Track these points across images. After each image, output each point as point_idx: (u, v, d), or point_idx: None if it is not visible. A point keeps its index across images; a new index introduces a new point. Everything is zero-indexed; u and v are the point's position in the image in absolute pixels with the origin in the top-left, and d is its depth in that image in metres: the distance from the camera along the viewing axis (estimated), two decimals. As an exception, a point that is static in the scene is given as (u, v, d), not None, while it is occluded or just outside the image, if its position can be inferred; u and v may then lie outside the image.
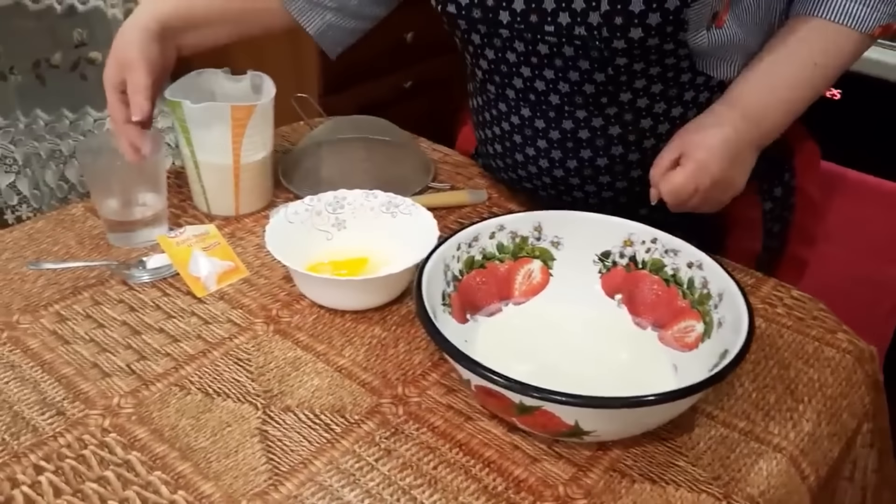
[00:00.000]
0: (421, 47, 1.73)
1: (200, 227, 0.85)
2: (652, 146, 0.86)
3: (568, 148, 0.88)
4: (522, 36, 0.82)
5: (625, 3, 0.74)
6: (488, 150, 0.97)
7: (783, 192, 0.97)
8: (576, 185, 0.90)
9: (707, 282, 0.71)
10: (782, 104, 0.82)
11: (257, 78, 0.93)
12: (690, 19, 0.76)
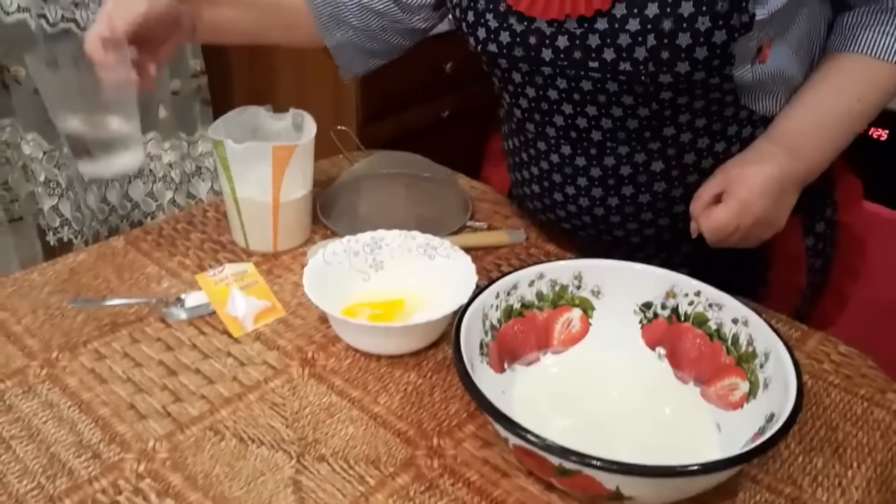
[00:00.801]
0: (459, 77, 1.73)
1: (239, 266, 0.85)
2: (695, 181, 0.84)
3: (609, 185, 0.86)
4: (565, 73, 0.81)
5: (672, 38, 0.73)
6: (524, 192, 0.96)
7: (825, 227, 0.95)
8: (617, 223, 0.89)
9: (753, 339, 0.69)
10: (825, 142, 0.81)
11: (299, 116, 0.94)
12: (737, 53, 0.75)
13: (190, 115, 1.75)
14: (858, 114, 0.81)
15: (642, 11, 0.73)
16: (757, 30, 0.74)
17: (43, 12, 1.55)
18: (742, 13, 0.72)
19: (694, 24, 0.72)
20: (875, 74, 0.80)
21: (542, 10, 0.78)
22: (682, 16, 0.72)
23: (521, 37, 0.81)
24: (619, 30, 0.75)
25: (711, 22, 0.72)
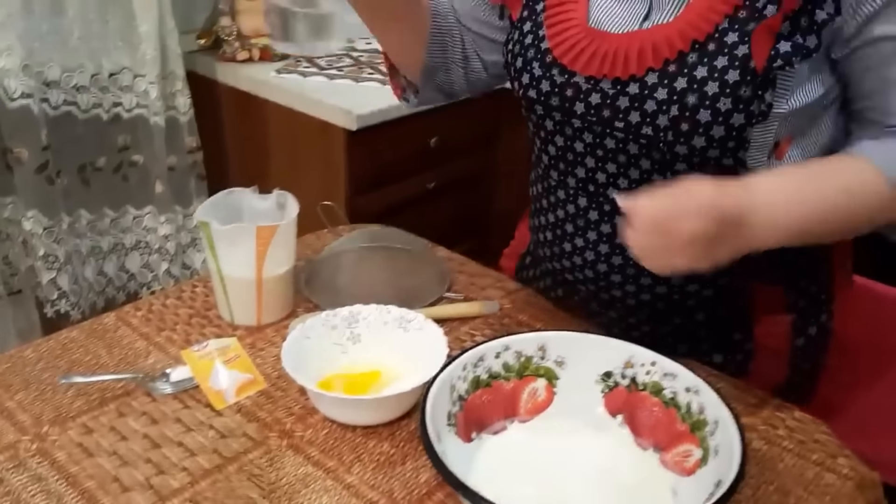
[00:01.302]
0: (443, 151, 1.81)
1: (223, 341, 0.89)
2: None
3: (616, 244, 0.89)
4: (593, 128, 0.86)
5: (693, 112, 0.78)
6: (539, 238, 0.99)
7: (818, 332, 0.95)
8: (616, 282, 0.91)
9: (704, 407, 0.73)
10: (795, 214, 0.77)
11: (282, 196, 0.99)
12: (753, 139, 0.79)
13: (185, 189, 1.81)
14: (842, 207, 0.78)
15: (671, 83, 0.79)
16: (775, 121, 0.78)
17: (46, 97, 1.63)
18: (762, 102, 0.77)
19: (716, 104, 0.77)
20: (871, 181, 0.78)
21: (583, 67, 0.84)
22: (707, 94, 0.77)
23: (560, 88, 0.86)
24: (648, 96, 0.80)
25: (733, 105, 0.76)
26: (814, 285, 0.93)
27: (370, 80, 1.76)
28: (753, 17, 0.76)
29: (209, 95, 1.86)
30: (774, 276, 0.91)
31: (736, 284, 0.89)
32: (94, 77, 1.70)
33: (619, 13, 0.84)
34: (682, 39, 0.78)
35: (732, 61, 0.76)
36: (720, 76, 0.76)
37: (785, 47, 0.76)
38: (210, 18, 1.87)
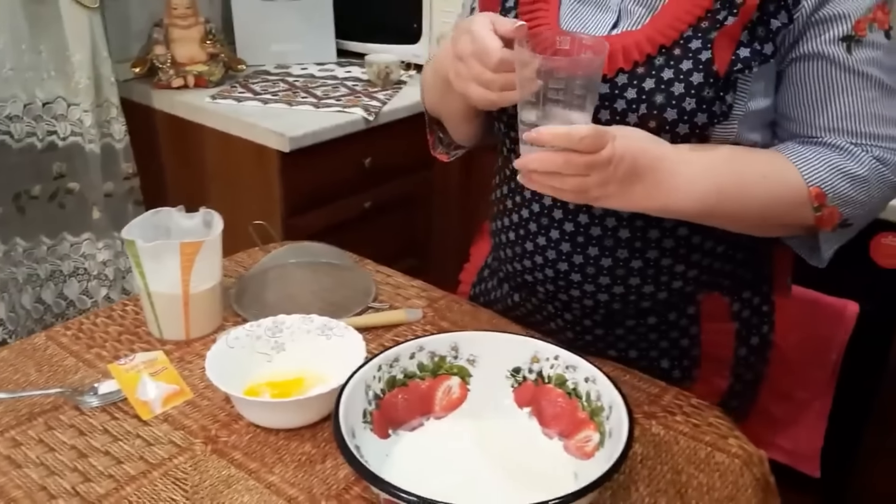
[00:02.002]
0: (378, 171, 1.86)
1: (150, 354, 0.92)
2: (654, 258, 0.92)
3: (577, 242, 0.93)
4: None
5: (661, 111, 0.83)
6: (501, 240, 1.02)
7: (759, 342, 1.01)
8: (576, 281, 0.95)
9: (600, 395, 0.79)
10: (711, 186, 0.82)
11: (208, 214, 1.03)
12: (714, 138, 0.85)
13: (123, 215, 1.83)
14: (757, 191, 0.84)
15: (640, 84, 0.84)
16: (735, 122, 0.85)
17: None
18: (723, 103, 0.83)
19: (681, 104, 0.83)
20: (789, 176, 0.85)
21: None
22: (673, 94, 0.83)
23: None
24: (618, 96, 0.86)
25: (696, 105, 0.83)
26: (757, 297, 1.00)
27: (304, 104, 1.80)
28: (715, 26, 0.83)
29: (145, 122, 1.88)
30: (721, 285, 0.97)
31: (686, 290, 0.95)
32: (28, 106, 1.71)
33: (589, 20, 0.91)
34: (650, 44, 0.85)
35: (697, 65, 0.83)
36: (685, 78, 0.83)
37: (744, 53, 0.83)
38: (144, 47, 1.90)
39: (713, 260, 0.94)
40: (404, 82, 1.99)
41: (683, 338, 0.99)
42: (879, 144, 0.86)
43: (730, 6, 0.83)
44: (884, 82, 0.84)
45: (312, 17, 2.11)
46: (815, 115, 0.86)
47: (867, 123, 0.85)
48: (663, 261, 0.92)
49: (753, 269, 0.98)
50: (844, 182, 0.85)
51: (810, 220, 0.87)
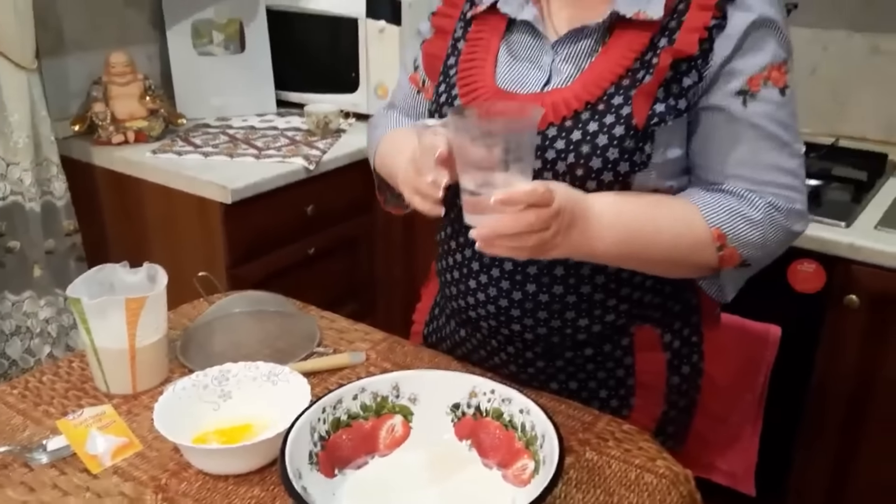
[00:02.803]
0: (320, 218, 1.90)
1: (98, 408, 0.94)
2: (587, 293, 0.98)
3: (516, 280, 0.99)
4: None
5: (587, 160, 0.91)
6: (446, 279, 1.08)
7: (691, 371, 1.07)
8: (516, 317, 1.00)
9: (534, 425, 0.84)
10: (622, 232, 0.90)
11: (152, 269, 1.06)
12: (636, 184, 0.92)
13: (65, 272, 1.83)
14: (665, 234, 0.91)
15: (568, 136, 0.92)
16: (653, 170, 0.92)
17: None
18: (643, 153, 0.91)
19: (605, 153, 0.90)
20: (694, 219, 0.92)
21: None
22: (598, 145, 0.90)
23: None
24: (549, 146, 0.93)
25: (619, 154, 0.90)
26: (686, 328, 1.06)
27: (245, 156, 1.84)
28: (634, 84, 0.91)
29: (86, 179, 1.89)
30: (652, 317, 1.03)
31: (619, 323, 1.01)
32: (-34, 167, 1.71)
33: (523, 78, 0.98)
34: (577, 100, 0.93)
35: (618, 119, 0.91)
36: (609, 131, 0.91)
37: (660, 108, 0.90)
38: (83, 105, 1.92)
39: (643, 293, 1.01)
40: (344, 130, 2.05)
41: (619, 368, 1.04)
42: (773, 191, 0.93)
43: (647, 66, 0.91)
44: (777, 134, 0.92)
45: (251, 69, 2.16)
46: (717, 163, 0.94)
47: (761, 171, 0.93)
48: (596, 295, 0.98)
49: (681, 301, 1.05)
50: (742, 224, 0.92)
51: (714, 261, 0.94)
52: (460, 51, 1.03)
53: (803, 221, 0.97)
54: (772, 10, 0.91)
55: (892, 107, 1.86)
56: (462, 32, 1.05)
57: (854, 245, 1.42)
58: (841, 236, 1.44)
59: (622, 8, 0.91)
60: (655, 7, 0.91)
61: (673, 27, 0.91)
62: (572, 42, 0.96)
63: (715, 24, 0.89)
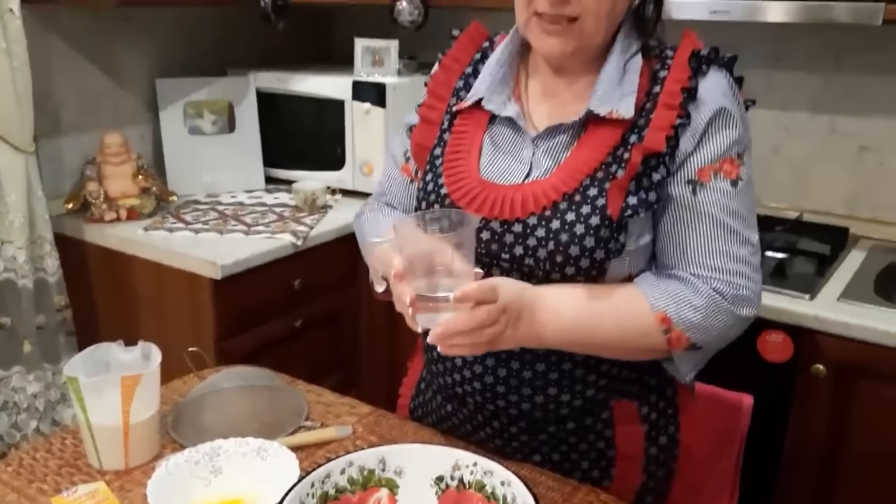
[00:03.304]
0: (307, 291, 1.95)
1: (91, 485, 0.97)
2: (569, 369, 1.03)
3: (501, 357, 1.04)
4: (483, 259, 1.03)
5: (566, 248, 0.97)
6: (433, 356, 1.13)
7: (668, 441, 1.11)
8: (501, 393, 1.05)
9: (515, 497, 0.88)
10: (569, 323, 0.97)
11: (147, 347, 1.10)
12: (611, 270, 0.98)
13: (54, 347, 1.86)
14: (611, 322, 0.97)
15: (548, 225, 0.98)
16: (627, 256, 0.98)
17: None
18: (617, 241, 0.97)
19: (582, 241, 0.96)
20: (639, 306, 0.98)
21: (477, 209, 1.03)
22: (576, 234, 0.97)
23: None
24: (530, 234, 0.99)
25: (595, 243, 0.96)
26: (662, 400, 1.11)
27: (234, 232, 1.90)
28: (608, 177, 0.98)
29: (78, 255, 1.94)
30: (630, 391, 1.08)
31: (599, 397, 1.06)
32: (-40, 245, 1.75)
33: (505, 170, 1.06)
34: (556, 192, 1.00)
35: (594, 210, 0.97)
36: (585, 220, 0.97)
37: (633, 200, 0.97)
38: (77, 184, 1.98)
39: (620, 369, 1.06)
40: (330, 206, 2.12)
41: (599, 440, 1.09)
42: (717, 277, 0.99)
43: (619, 161, 0.98)
44: (725, 222, 0.98)
45: (241, 147, 2.24)
46: (669, 248, 1.01)
47: (708, 258, 0.99)
48: (577, 371, 1.04)
49: (657, 375, 1.10)
50: (686, 309, 0.97)
51: (662, 344, 0.99)
52: (446, 142, 1.11)
53: (750, 307, 1.00)
54: (729, 103, 0.99)
55: (852, 182, 1.96)
56: (448, 125, 1.12)
57: (819, 317, 1.49)
58: (806, 308, 1.50)
59: (596, 107, 1.00)
60: (626, 107, 0.99)
61: (642, 125, 0.99)
62: (551, 137, 1.04)
63: (680, 123, 0.97)
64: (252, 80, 2.23)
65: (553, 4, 0.96)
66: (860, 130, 1.92)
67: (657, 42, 1.05)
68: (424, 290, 0.90)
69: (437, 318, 0.90)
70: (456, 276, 0.89)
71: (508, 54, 1.09)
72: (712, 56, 1.01)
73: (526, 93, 1.09)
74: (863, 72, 1.89)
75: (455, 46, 1.16)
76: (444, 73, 1.15)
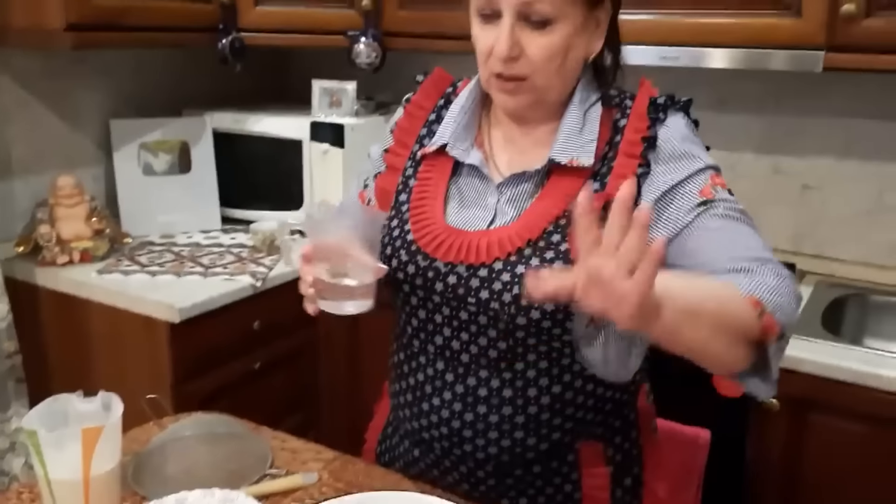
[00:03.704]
0: (266, 333, 1.93)
1: (51, 543, 0.94)
2: (534, 413, 1.04)
3: (468, 402, 1.05)
4: (450, 304, 1.04)
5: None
6: (400, 401, 1.13)
7: (632, 482, 1.14)
8: (468, 437, 1.06)
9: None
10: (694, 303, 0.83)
11: (107, 397, 1.08)
12: (575, 312, 0.99)
13: (3, 393, 1.80)
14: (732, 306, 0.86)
15: (513, 269, 1.00)
16: None
17: None
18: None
19: None
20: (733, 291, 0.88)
21: (443, 255, 1.05)
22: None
23: (423, 270, 1.06)
24: (495, 279, 1.01)
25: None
26: (626, 442, 1.13)
27: (192, 274, 1.88)
28: (571, 223, 0.97)
29: (29, 299, 1.89)
30: (595, 434, 1.10)
31: (565, 441, 1.07)
32: None
33: (470, 217, 1.08)
34: (520, 238, 1.02)
35: (557, 254, 1.00)
36: (549, 265, 0.99)
37: None
38: (28, 226, 1.94)
39: (585, 412, 1.08)
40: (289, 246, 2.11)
41: (566, 483, 1.10)
42: (768, 259, 0.95)
43: None
44: (746, 221, 0.99)
45: (197, 187, 2.22)
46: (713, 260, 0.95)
47: (751, 250, 0.95)
48: (542, 415, 1.05)
49: (621, 417, 1.12)
50: (766, 291, 0.89)
51: (757, 331, 0.88)
52: (411, 188, 1.13)
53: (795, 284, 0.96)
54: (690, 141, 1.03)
55: (796, 220, 2.04)
56: (413, 171, 1.14)
57: (771, 352, 1.53)
58: (759, 344, 1.55)
59: (557, 156, 1.03)
60: (587, 155, 1.02)
61: (604, 172, 1.02)
62: (514, 185, 1.06)
63: (642, 173, 1.00)
64: (208, 121, 2.23)
65: (504, 65, 0.99)
66: (803, 170, 2.01)
67: (617, 91, 1.08)
68: (328, 275, 0.97)
69: (341, 306, 0.98)
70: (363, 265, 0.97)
71: (472, 102, 1.12)
72: (668, 102, 1.05)
73: (489, 141, 1.12)
74: (803, 115, 1.98)
75: (419, 92, 1.18)
76: (409, 120, 1.17)
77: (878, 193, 1.94)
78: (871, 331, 1.83)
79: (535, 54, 0.98)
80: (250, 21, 2.09)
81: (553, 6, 0.97)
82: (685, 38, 1.71)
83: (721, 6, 1.67)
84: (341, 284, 0.97)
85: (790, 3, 1.61)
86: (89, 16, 1.74)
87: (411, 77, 1.20)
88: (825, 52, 1.59)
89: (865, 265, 1.95)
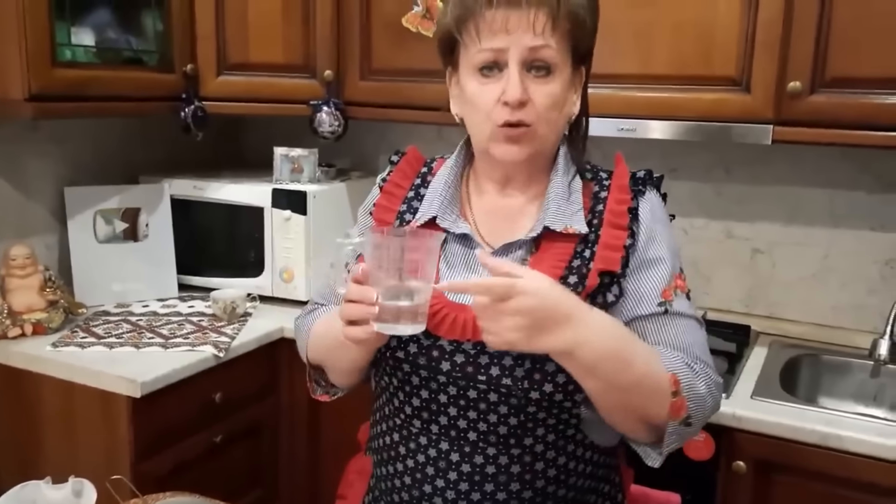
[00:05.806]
0: (228, 404, 1.89)
1: None
2: (542, 486, 1.04)
3: (475, 481, 1.03)
4: (457, 382, 1.02)
5: (542, 364, 0.98)
6: (395, 484, 1.09)
7: None
8: None
9: None
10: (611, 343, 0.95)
11: (78, 484, 1.04)
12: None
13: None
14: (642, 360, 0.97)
15: None
16: None
17: None
18: None
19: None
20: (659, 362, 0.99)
21: (447, 332, 1.03)
22: None
23: (426, 349, 1.04)
24: (505, 354, 1.00)
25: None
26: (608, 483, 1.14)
27: (151, 345, 1.83)
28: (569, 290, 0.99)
29: (-23, 374, 1.82)
30: (588, 501, 1.11)
31: None
32: None
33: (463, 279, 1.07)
34: None
35: None
36: None
37: None
38: (-22, 299, 1.87)
39: (584, 480, 1.09)
40: (250, 314, 2.08)
41: None
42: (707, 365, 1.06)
43: (575, 273, 1.04)
44: (696, 326, 1.08)
45: (153, 255, 2.18)
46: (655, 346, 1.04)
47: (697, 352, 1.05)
48: (549, 488, 1.05)
49: (609, 481, 1.15)
50: (692, 378, 1.01)
51: (665, 407, 0.98)
52: None
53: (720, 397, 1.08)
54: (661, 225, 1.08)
55: (748, 282, 2.11)
56: None
57: (736, 415, 1.57)
58: (725, 406, 1.58)
59: (551, 223, 1.06)
60: (579, 222, 1.06)
61: (592, 239, 1.06)
62: (505, 253, 1.08)
63: (630, 244, 1.05)
64: (166, 188, 2.20)
65: (512, 113, 1.02)
66: (753, 235, 2.09)
67: (591, 166, 1.14)
68: (388, 296, 0.93)
69: (396, 328, 0.94)
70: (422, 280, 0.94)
71: (454, 177, 1.14)
72: (647, 178, 1.10)
73: (472, 213, 1.14)
74: (752, 182, 2.07)
75: (395, 172, 1.20)
76: (387, 198, 1.18)
77: (822, 257, 2.03)
78: (826, 390, 1.89)
79: (540, 102, 1.02)
80: (212, 90, 2.10)
81: (554, 54, 1.02)
82: (641, 111, 1.78)
83: (675, 81, 1.75)
84: (398, 305, 0.94)
85: (739, 79, 1.70)
86: (52, 86, 1.71)
87: (371, 145, 1.22)
88: (773, 126, 1.67)
89: (815, 325, 2.03)
